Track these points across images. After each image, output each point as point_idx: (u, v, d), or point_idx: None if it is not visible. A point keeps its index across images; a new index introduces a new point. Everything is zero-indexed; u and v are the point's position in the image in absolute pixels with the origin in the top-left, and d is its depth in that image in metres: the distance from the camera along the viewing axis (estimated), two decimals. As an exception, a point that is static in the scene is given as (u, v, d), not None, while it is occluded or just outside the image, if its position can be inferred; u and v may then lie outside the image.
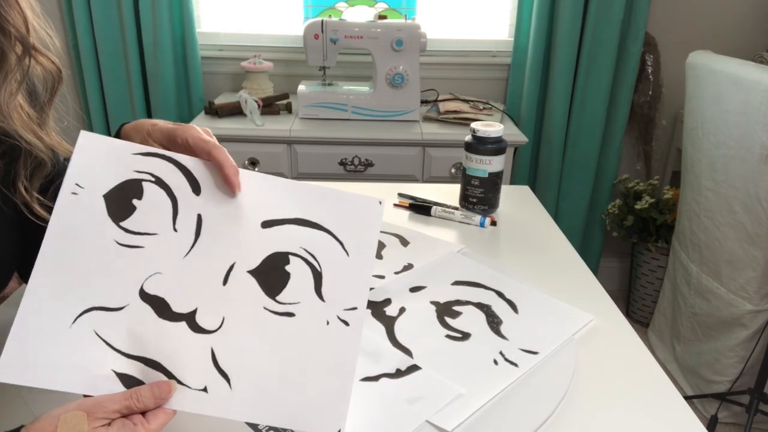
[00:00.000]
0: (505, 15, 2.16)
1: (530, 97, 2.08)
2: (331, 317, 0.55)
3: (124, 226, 0.54)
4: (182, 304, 0.53)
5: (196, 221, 0.55)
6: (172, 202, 0.55)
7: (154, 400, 0.50)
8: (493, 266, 0.89)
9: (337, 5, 2.13)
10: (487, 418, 0.60)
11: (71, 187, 0.54)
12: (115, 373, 0.51)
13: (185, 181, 0.56)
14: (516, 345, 0.71)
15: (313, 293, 0.55)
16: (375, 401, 0.61)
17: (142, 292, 0.53)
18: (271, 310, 0.54)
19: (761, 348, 1.63)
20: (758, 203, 1.52)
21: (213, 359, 0.53)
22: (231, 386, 0.53)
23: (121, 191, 0.55)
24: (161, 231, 0.55)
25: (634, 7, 1.97)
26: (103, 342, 0.52)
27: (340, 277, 0.56)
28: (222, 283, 0.54)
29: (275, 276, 0.55)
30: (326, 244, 0.56)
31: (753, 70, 1.51)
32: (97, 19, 1.97)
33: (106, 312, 0.52)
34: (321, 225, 0.57)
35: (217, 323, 0.53)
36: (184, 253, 0.54)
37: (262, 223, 0.56)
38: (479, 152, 1.05)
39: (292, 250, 0.56)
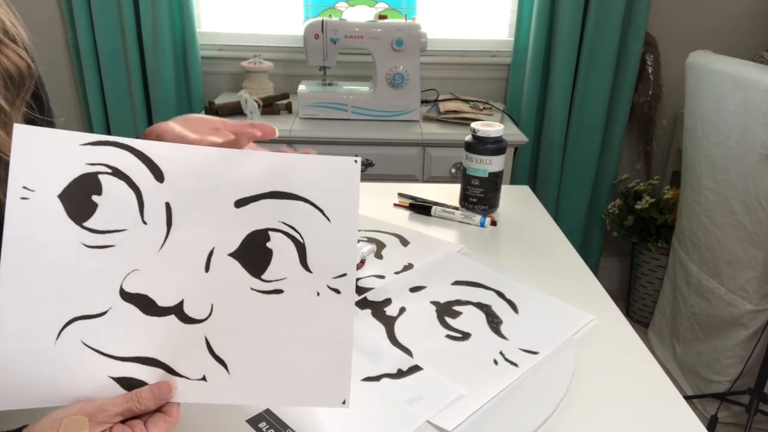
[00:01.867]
0: (505, 15, 2.16)
1: (530, 97, 2.08)
2: (320, 287, 0.53)
3: (89, 226, 0.50)
4: (167, 298, 0.52)
5: (166, 210, 0.52)
6: (135, 193, 0.52)
7: (155, 401, 0.49)
8: (493, 266, 0.89)
9: (337, 5, 2.13)
10: (487, 418, 0.60)
11: (19, 191, 0.49)
12: (112, 379, 0.50)
13: (145, 168, 0.52)
14: (516, 345, 0.71)
15: (299, 266, 0.53)
16: (375, 401, 0.61)
17: (122, 292, 0.51)
18: (259, 290, 0.53)
19: (761, 348, 1.63)
20: (758, 203, 1.52)
21: (208, 347, 0.52)
22: (229, 372, 0.52)
23: (78, 188, 0.50)
24: (130, 226, 0.51)
25: (634, 7, 1.97)
26: (94, 351, 0.50)
27: (324, 245, 0.54)
28: (204, 271, 0.52)
29: (257, 255, 0.53)
30: (305, 213, 0.54)
31: (753, 69, 1.51)
32: (97, 19, 1.97)
33: (89, 320, 0.50)
34: (296, 194, 0.54)
35: (207, 311, 0.52)
36: (159, 246, 0.52)
37: (235, 203, 0.53)
38: (479, 152, 1.05)
39: (271, 225, 0.53)
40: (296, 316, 0.53)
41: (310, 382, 0.52)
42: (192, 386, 0.51)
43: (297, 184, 0.54)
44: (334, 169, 0.54)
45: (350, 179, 0.55)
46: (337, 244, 0.54)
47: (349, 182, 0.55)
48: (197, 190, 0.53)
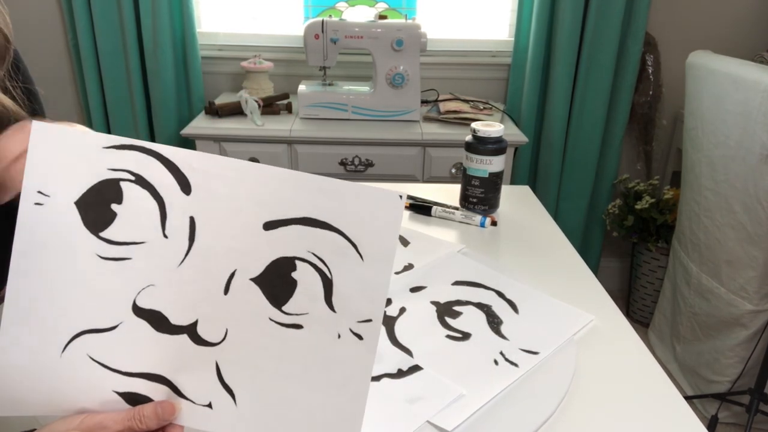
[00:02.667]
0: (505, 15, 2.16)
1: (530, 97, 2.08)
2: (342, 330, 0.49)
3: (105, 236, 0.47)
4: (181, 317, 0.49)
5: (189, 225, 0.49)
6: (158, 204, 0.48)
7: (157, 421, 0.48)
8: (494, 266, 0.89)
9: (337, 5, 2.13)
10: (488, 418, 0.60)
11: (33, 196, 0.46)
12: (117, 393, 0.48)
13: (171, 177, 0.48)
14: (516, 345, 0.71)
15: (323, 303, 0.49)
16: (376, 401, 0.61)
17: (135, 307, 0.48)
18: (278, 322, 0.49)
19: (761, 348, 1.63)
20: (758, 203, 1.52)
21: (218, 373, 0.49)
22: (236, 403, 0.49)
23: (96, 195, 0.47)
24: (149, 239, 0.48)
25: (634, 7, 1.97)
26: (100, 365, 0.48)
27: (353, 284, 0.49)
28: (223, 293, 0.49)
29: (281, 284, 0.49)
30: (338, 247, 0.49)
31: (753, 70, 1.51)
32: (97, 19, 1.97)
33: (97, 334, 0.48)
34: (331, 225, 0.49)
35: (221, 335, 0.49)
36: (179, 262, 0.48)
37: (264, 225, 0.49)
38: (479, 152, 1.05)
39: (299, 254, 0.49)
40: (313, 355, 0.49)
41: (318, 428, 0.49)
42: (197, 411, 0.49)
43: (333, 213, 0.50)
44: (376, 201, 0.49)
45: (392, 216, 0.50)
46: (368, 286, 0.49)
47: (389, 219, 0.50)
48: (226, 207, 0.49)
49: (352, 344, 0.49)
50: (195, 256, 0.49)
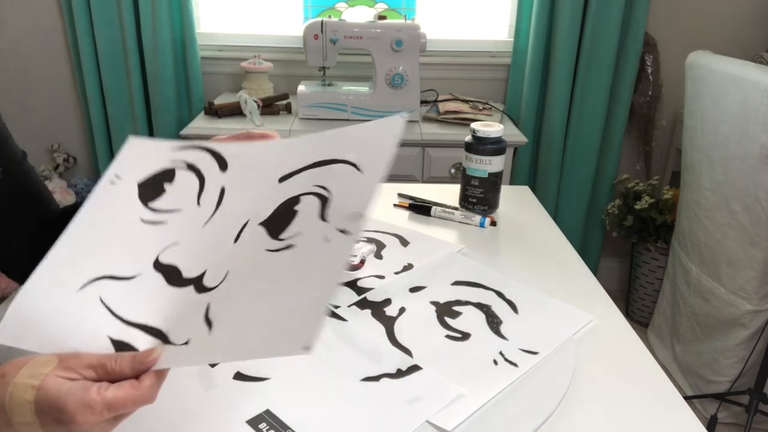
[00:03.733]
0: (504, 15, 2.16)
1: (530, 97, 2.08)
2: (330, 233, 0.49)
3: (151, 206, 0.54)
4: (192, 270, 0.52)
5: (219, 194, 0.55)
6: (199, 181, 0.56)
7: (131, 364, 0.45)
8: (493, 266, 0.89)
9: (336, 5, 2.14)
10: (487, 418, 0.60)
11: (110, 177, 0.55)
12: (110, 339, 0.48)
13: (215, 162, 0.56)
14: (516, 345, 0.71)
15: (317, 218, 0.50)
16: (375, 401, 0.61)
17: (156, 262, 0.52)
18: (271, 249, 0.51)
19: (761, 348, 1.63)
20: (758, 203, 1.52)
21: (206, 312, 0.49)
22: (210, 331, 0.48)
23: (156, 178, 0.55)
24: (185, 207, 0.54)
25: (634, 7, 1.97)
26: (105, 308, 0.49)
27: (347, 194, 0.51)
28: (233, 242, 0.52)
29: (283, 219, 0.52)
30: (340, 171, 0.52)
31: (752, 70, 1.51)
32: (97, 19, 1.97)
33: (115, 280, 0.51)
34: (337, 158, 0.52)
35: (220, 278, 0.51)
36: (203, 223, 0.54)
37: (279, 179, 0.54)
38: (479, 152, 1.05)
39: (306, 190, 0.52)
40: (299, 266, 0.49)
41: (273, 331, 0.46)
42: (173, 352, 0.48)
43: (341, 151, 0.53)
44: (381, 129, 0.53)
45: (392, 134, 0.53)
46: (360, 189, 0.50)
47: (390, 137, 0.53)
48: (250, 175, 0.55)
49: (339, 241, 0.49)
50: (218, 217, 0.54)
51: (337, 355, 0.68)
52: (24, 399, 0.41)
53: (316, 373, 0.65)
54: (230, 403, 0.59)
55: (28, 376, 0.42)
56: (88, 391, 0.42)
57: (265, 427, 0.57)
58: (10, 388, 0.42)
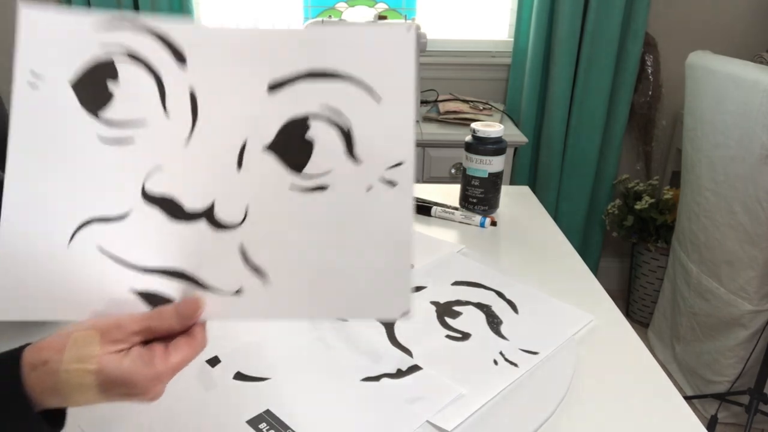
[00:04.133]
0: (504, 15, 2.16)
1: (530, 97, 2.08)
2: (372, 180, 0.45)
3: (104, 116, 0.45)
4: (196, 200, 0.45)
5: (190, 99, 0.46)
6: (155, 80, 0.45)
7: (179, 320, 0.43)
8: (493, 266, 0.89)
9: (337, 5, 2.14)
10: (487, 418, 0.60)
11: (26, 75, 0.44)
12: (135, 293, 0.44)
13: (166, 50, 0.45)
14: (516, 345, 0.71)
15: (345, 156, 0.45)
16: (375, 401, 0.61)
17: (144, 193, 0.45)
18: (300, 188, 0.45)
19: (761, 348, 1.63)
20: (758, 203, 1.52)
21: (243, 256, 0.45)
22: (267, 282, 0.45)
23: (91, 74, 0.44)
24: (150, 117, 0.45)
25: (634, 7, 1.97)
26: (112, 258, 0.44)
27: (374, 130, 0.45)
28: (237, 167, 0.45)
29: (296, 147, 0.45)
30: (350, 95, 0.45)
31: (752, 70, 1.51)
32: (97, 20, 1.96)
33: (107, 223, 0.44)
34: (339, 73, 0.45)
35: (241, 215, 0.45)
36: (185, 140, 0.45)
37: (268, 87, 0.46)
38: (479, 152, 1.05)
39: (311, 111, 0.46)
40: (344, 215, 0.45)
41: (364, 291, 0.45)
42: (225, 302, 0.45)
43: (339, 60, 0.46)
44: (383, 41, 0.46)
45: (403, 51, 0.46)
46: (390, 128, 0.45)
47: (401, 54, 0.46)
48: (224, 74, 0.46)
49: (385, 193, 0.45)
50: (201, 132, 0.46)
51: (337, 355, 0.67)
52: (84, 384, 0.40)
53: (316, 373, 0.65)
54: (230, 403, 0.59)
55: (77, 360, 0.40)
56: (153, 364, 0.41)
57: (265, 427, 0.57)
58: (62, 376, 0.40)
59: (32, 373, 0.40)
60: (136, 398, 0.42)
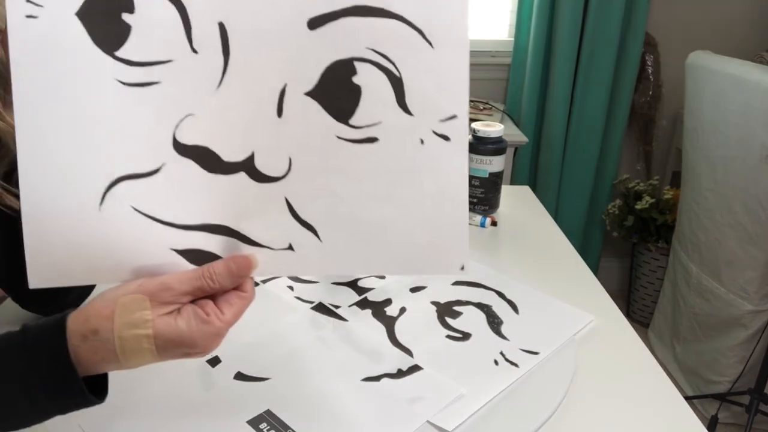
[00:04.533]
0: (505, 15, 2.16)
1: (530, 97, 2.08)
2: (425, 134, 0.43)
3: (122, 56, 0.39)
4: (233, 151, 0.41)
5: (220, 33, 0.40)
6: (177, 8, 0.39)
7: (231, 279, 0.42)
8: (494, 266, 0.89)
9: (337, 5, 2.13)
10: (488, 418, 0.60)
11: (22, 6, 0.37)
12: (176, 252, 0.42)
13: None
14: (516, 345, 0.71)
15: (396, 106, 0.42)
16: (375, 401, 0.61)
17: (176, 144, 0.41)
18: (347, 138, 0.42)
19: (761, 348, 1.63)
20: (758, 203, 1.52)
21: (290, 210, 0.43)
22: (320, 238, 0.43)
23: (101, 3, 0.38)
24: (176, 55, 0.40)
25: (634, 7, 1.97)
26: (149, 218, 0.41)
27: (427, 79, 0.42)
28: (277, 115, 0.42)
29: (342, 94, 0.42)
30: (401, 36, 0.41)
31: (753, 70, 1.51)
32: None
33: (138, 179, 0.40)
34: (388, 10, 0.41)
35: (285, 167, 0.42)
36: (216, 82, 0.41)
37: (308, 22, 0.41)
38: (479, 152, 1.05)
39: (357, 54, 0.41)
40: (396, 168, 0.43)
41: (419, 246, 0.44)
42: (276, 257, 0.43)
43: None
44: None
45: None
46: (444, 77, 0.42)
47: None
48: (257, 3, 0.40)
49: (439, 147, 0.43)
50: (234, 74, 0.41)
51: (337, 355, 0.67)
52: (141, 348, 0.39)
53: (316, 373, 0.65)
54: (230, 403, 0.59)
55: (130, 326, 0.39)
56: (210, 322, 0.40)
57: (266, 427, 0.57)
58: (116, 343, 0.39)
59: (83, 344, 0.39)
60: (195, 355, 0.42)
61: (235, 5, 0.40)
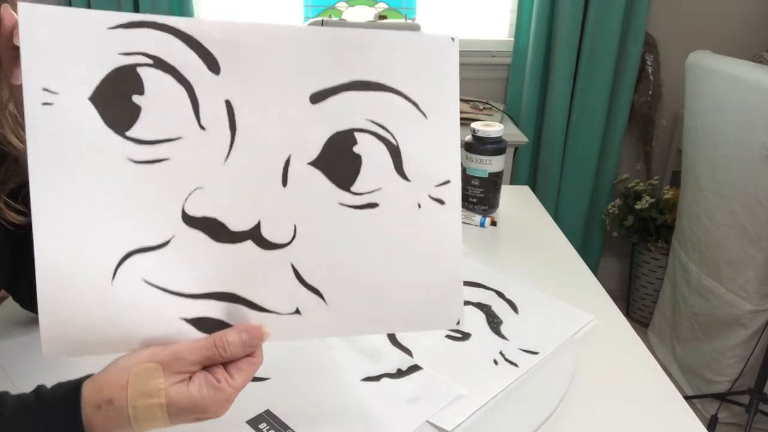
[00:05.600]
0: (505, 15, 2.16)
1: (530, 97, 2.08)
2: (422, 198, 0.45)
3: (133, 135, 0.41)
4: (241, 221, 0.43)
5: (227, 111, 0.42)
6: (186, 89, 0.41)
7: (243, 349, 0.43)
8: (494, 266, 0.89)
9: (337, 5, 2.13)
10: (487, 418, 0.60)
11: (39, 95, 0.39)
12: (185, 321, 0.43)
13: (194, 55, 0.41)
14: (516, 345, 0.71)
15: (394, 173, 0.45)
16: (375, 401, 0.61)
17: (185, 216, 0.42)
18: (349, 205, 0.45)
19: (761, 348, 1.63)
20: (758, 203, 1.52)
21: (297, 275, 0.44)
22: (326, 301, 0.45)
23: (113, 87, 0.40)
24: (185, 133, 0.41)
25: (634, 7, 1.97)
26: (159, 289, 0.42)
27: (422, 146, 0.45)
28: (282, 184, 0.43)
29: (343, 162, 0.44)
30: (396, 108, 0.44)
31: (753, 70, 1.51)
32: (97, 19, 1.96)
33: (148, 252, 0.42)
34: (384, 84, 0.44)
35: (289, 234, 0.44)
36: (224, 156, 0.42)
37: (311, 97, 0.43)
38: (479, 152, 1.05)
39: (357, 125, 0.44)
40: (396, 232, 0.45)
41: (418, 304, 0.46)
42: (284, 322, 0.44)
43: (384, 70, 0.44)
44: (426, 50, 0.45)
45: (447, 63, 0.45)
46: (437, 144, 0.45)
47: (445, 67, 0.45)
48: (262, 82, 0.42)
49: (434, 210, 0.46)
50: (241, 147, 0.42)
51: (337, 355, 0.67)
52: (154, 417, 0.41)
53: (316, 373, 0.65)
54: (230, 403, 0.59)
55: (144, 395, 0.40)
56: (221, 389, 0.41)
57: (265, 427, 0.57)
58: (130, 412, 0.40)
59: (97, 412, 0.40)
60: (206, 419, 0.43)
61: (241, 84, 0.42)
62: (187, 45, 0.41)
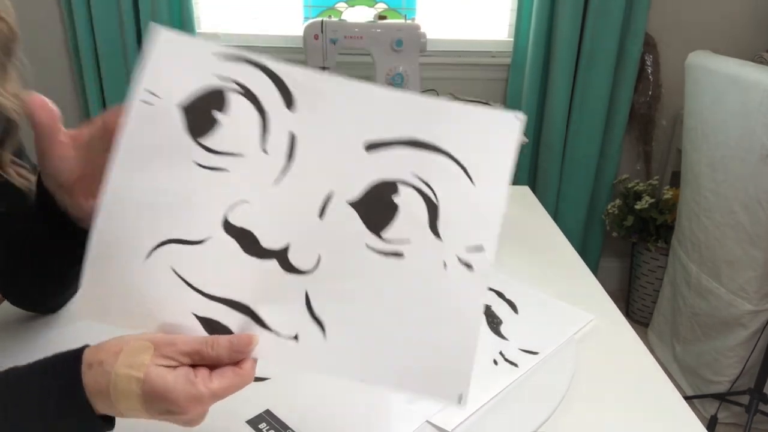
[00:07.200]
0: (504, 15, 2.16)
1: (530, 98, 2.08)
2: (448, 258, 0.45)
3: (205, 144, 0.45)
4: (272, 239, 0.45)
5: (289, 141, 0.46)
6: (261, 117, 0.46)
7: (229, 352, 0.44)
8: (493, 266, 0.89)
9: (337, 5, 2.13)
10: (487, 418, 0.60)
11: (142, 94, 0.45)
12: (196, 317, 0.45)
13: (277, 92, 0.46)
14: (516, 345, 0.71)
15: (426, 229, 0.45)
16: (375, 401, 0.61)
17: (226, 223, 0.45)
18: (376, 249, 0.45)
19: (761, 348, 1.63)
20: (758, 203, 1.52)
21: (307, 304, 0.45)
22: (325, 336, 0.45)
23: (202, 102, 0.46)
24: (248, 152, 0.46)
25: (634, 7, 1.97)
26: (182, 281, 0.45)
27: (461, 209, 0.45)
28: (318, 216, 0.46)
29: (380, 208, 0.45)
30: (445, 171, 0.45)
31: (752, 70, 1.51)
32: (97, 20, 1.96)
33: (184, 245, 0.45)
34: (439, 147, 0.46)
35: (313, 263, 0.45)
36: (275, 179, 0.46)
37: (366, 146, 0.46)
38: (479, 152, 1.05)
39: (402, 177, 0.46)
40: (415, 286, 0.45)
41: (421, 367, 0.45)
42: (279, 344, 0.45)
43: (443, 136, 0.46)
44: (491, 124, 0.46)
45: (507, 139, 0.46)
46: (478, 211, 0.46)
47: (505, 142, 0.46)
48: (327, 123, 0.46)
49: (460, 274, 0.45)
50: (292, 175, 0.46)
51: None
52: (130, 390, 0.42)
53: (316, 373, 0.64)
54: (230, 403, 0.59)
55: (127, 366, 0.42)
56: (195, 385, 0.42)
57: (265, 427, 0.57)
58: (112, 378, 0.42)
59: (89, 371, 0.43)
60: (177, 417, 0.43)
61: (308, 122, 0.46)
62: (272, 81, 0.47)
